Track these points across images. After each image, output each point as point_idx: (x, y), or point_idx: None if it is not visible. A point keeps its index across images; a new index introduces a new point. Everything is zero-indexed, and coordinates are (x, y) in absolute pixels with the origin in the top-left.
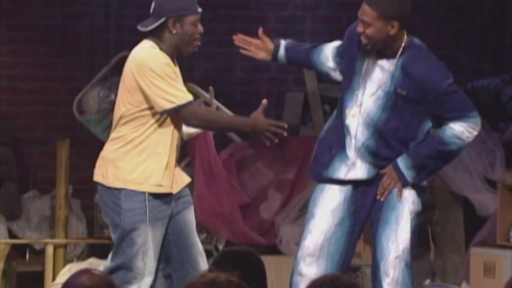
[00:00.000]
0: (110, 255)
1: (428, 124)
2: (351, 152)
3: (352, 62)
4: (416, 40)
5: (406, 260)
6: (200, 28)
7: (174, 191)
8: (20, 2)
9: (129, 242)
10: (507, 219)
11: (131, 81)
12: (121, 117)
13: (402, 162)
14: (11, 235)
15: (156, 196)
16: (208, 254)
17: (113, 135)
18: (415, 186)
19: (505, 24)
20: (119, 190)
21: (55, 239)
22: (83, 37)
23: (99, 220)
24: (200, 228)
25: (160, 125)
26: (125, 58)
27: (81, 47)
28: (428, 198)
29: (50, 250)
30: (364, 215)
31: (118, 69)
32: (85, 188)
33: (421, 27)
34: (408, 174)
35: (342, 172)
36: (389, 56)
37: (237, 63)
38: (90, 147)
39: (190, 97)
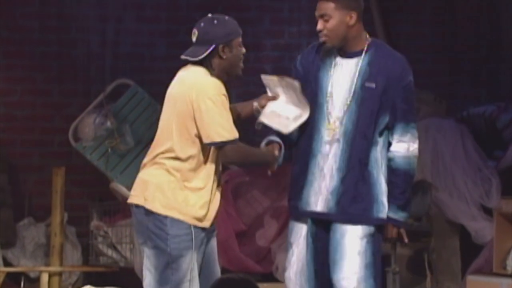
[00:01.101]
0: (150, 282)
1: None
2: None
3: (316, 81)
4: (378, 40)
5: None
6: (243, 49)
7: (210, 224)
8: (17, 29)
9: (175, 269)
10: (504, 247)
11: (187, 108)
12: (169, 144)
13: (392, 214)
14: (6, 263)
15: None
16: None
17: (158, 160)
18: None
19: (500, 52)
20: (164, 216)
21: (50, 267)
22: (79, 64)
23: (95, 247)
24: None
25: (206, 158)
26: (121, 85)
27: (77, 74)
28: (424, 226)
29: (45, 278)
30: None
31: (114, 96)
32: (81, 216)
33: (417, 55)
34: (402, 217)
35: (314, 204)
36: (354, 55)
37: (233, 90)
38: (86, 174)
39: (237, 134)
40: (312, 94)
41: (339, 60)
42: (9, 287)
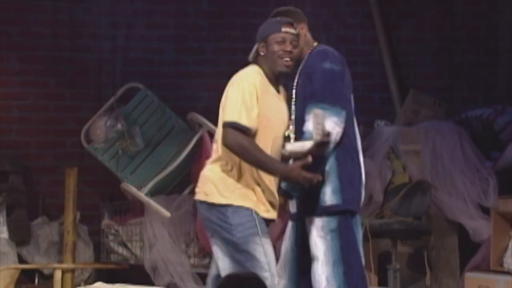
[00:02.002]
0: (226, 272)
1: None
2: None
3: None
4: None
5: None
6: (286, 46)
7: (269, 216)
8: (31, 35)
9: (247, 256)
10: (501, 245)
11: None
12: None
13: None
14: (21, 260)
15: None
16: None
17: (217, 155)
18: (317, 213)
19: (497, 56)
20: (225, 207)
21: (63, 264)
22: (90, 69)
23: (106, 245)
24: (204, 253)
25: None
26: (131, 89)
27: (89, 79)
28: (424, 225)
29: (58, 274)
30: None
31: (124, 100)
32: (93, 215)
33: (417, 59)
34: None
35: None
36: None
37: None
38: (97, 175)
39: (245, 121)
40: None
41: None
42: (24, 284)
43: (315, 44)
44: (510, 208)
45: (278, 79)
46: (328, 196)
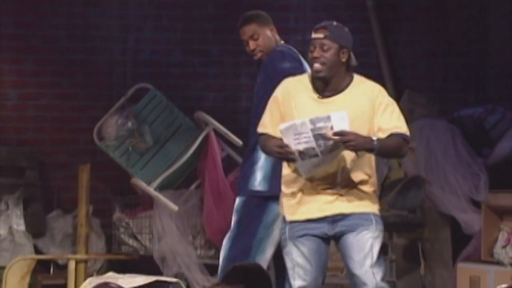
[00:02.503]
0: None
1: None
2: None
3: None
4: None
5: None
6: (314, 53)
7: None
8: (46, 38)
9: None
10: (491, 237)
11: None
12: None
13: None
14: (37, 251)
15: None
16: (217, 268)
17: None
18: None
19: (488, 59)
20: None
21: (77, 255)
22: (102, 70)
23: (117, 237)
24: (210, 245)
25: None
26: (140, 89)
27: (100, 80)
28: (418, 218)
29: (72, 265)
30: None
31: (134, 99)
32: (105, 208)
33: (412, 61)
34: None
35: None
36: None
37: (243, 94)
38: (109, 170)
39: (261, 128)
40: None
41: None
42: (40, 273)
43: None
44: (500, 202)
45: (319, 82)
46: (258, 182)
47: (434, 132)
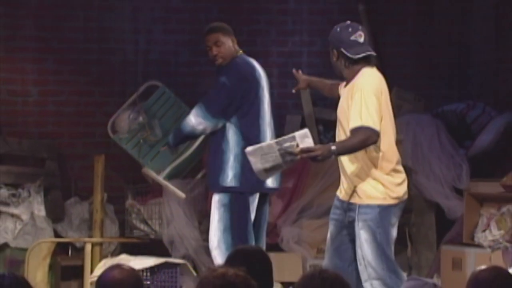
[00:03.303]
0: None
1: (232, 127)
2: None
3: None
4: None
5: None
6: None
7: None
8: (64, 40)
9: None
10: (472, 222)
11: None
12: None
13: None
14: (56, 235)
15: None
16: None
17: None
18: (217, 190)
19: (469, 59)
20: None
21: (93, 238)
22: (116, 69)
23: (129, 222)
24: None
25: None
26: (151, 87)
27: (114, 78)
28: (405, 204)
29: (88, 247)
30: None
31: (145, 96)
32: (118, 195)
33: (400, 61)
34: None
35: None
36: None
37: None
38: (122, 161)
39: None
40: None
41: None
42: (59, 255)
43: (239, 53)
44: (480, 189)
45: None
46: (230, 178)
47: (420, 126)
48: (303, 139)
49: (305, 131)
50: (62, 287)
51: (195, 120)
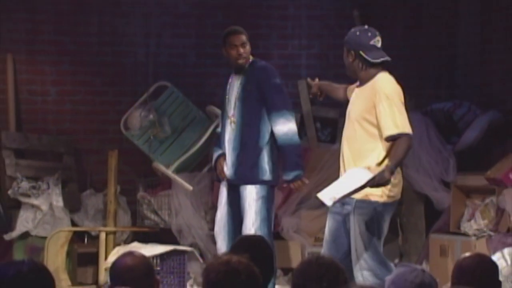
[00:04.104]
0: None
1: (267, 125)
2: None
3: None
4: (258, 59)
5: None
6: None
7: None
8: (80, 44)
9: None
10: (458, 212)
11: None
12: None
13: (285, 176)
14: (73, 224)
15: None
16: None
17: None
18: (258, 182)
19: (455, 61)
20: None
21: (107, 228)
22: (128, 70)
23: (141, 213)
24: None
25: None
26: (160, 87)
27: (126, 79)
28: None
29: (103, 236)
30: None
31: (155, 95)
32: (130, 188)
33: (392, 63)
34: (293, 175)
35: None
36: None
37: None
38: (134, 156)
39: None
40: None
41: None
42: (76, 243)
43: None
44: (466, 182)
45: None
46: (268, 173)
47: (410, 123)
48: (367, 175)
49: (381, 171)
50: (79, 273)
51: (293, 124)
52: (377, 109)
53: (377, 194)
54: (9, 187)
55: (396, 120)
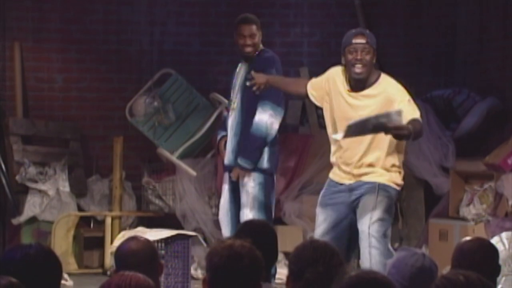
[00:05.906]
0: None
1: None
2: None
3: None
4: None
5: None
6: (358, 55)
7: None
8: (86, 32)
9: None
10: (457, 197)
11: None
12: None
13: (239, 161)
14: (80, 209)
15: None
16: None
17: None
18: (256, 169)
19: (455, 49)
20: None
21: (112, 212)
22: (133, 58)
23: (145, 198)
24: None
25: None
26: (165, 74)
27: (131, 66)
28: None
29: (108, 220)
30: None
31: (160, 83)
32: (135, 174)
33: (392, 51)
34: (244, 163)
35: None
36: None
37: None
38: (139, 142)
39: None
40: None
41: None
42: (82, 227)
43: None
44: (465, 168)
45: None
46: (265, 160)
47: None
48: (398, 117)
49: (400, 110)
50: (85, 256)
51: (265, 116)
52: (404, 107)
53: (399, 183)
54: (16, 172)
55: (415, 110)
